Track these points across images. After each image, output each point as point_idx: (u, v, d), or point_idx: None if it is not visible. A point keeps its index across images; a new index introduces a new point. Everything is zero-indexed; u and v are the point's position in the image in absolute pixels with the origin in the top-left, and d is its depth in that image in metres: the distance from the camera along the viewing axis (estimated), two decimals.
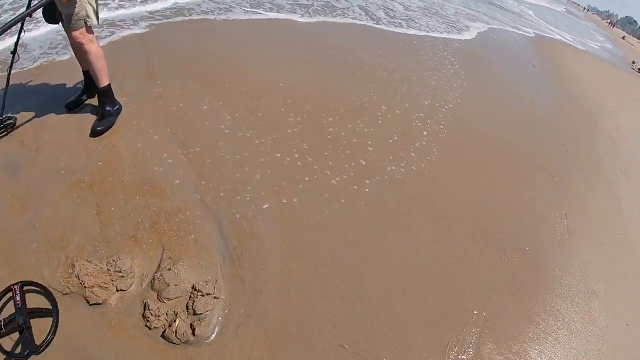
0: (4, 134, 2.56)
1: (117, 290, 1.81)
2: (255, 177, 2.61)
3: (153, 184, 2.37)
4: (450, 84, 5.34)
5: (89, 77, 2.80)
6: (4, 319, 1.65)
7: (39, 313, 1.72)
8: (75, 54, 2.74)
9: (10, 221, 2.01)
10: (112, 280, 1.82)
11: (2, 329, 1.61)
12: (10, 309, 1.68)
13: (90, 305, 1.75)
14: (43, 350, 1.61)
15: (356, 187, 2.79)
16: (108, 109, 2.74)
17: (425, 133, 3.78)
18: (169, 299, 1.79)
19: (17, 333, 1.63)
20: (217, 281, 1.91)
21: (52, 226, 2.03)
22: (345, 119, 3.55)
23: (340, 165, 2.94)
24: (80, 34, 2.39)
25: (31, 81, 3.09)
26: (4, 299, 1.74)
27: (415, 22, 8.58)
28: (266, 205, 2.42)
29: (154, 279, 1.87)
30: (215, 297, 1.83)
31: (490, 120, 4.72)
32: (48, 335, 1.66)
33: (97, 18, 2.46)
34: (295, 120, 3.32)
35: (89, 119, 2.77)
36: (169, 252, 2.02)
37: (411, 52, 6.34)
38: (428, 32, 8.08)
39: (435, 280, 2.29)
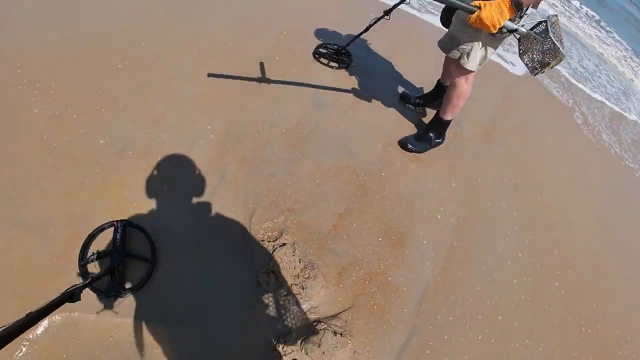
0: (336, 66, 3.11)
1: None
2: None
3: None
4: None
5: (439, 92, 2.80)
6: (99, 251, 1.71)
7: (136, 258, 1.75)
8: (443, 70, 2.76)
9: None
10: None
11: (94, 262, 1.68)
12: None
13: None
14: (124, 295, 1.64)
15: None
16: (431, 135, 2.66)
17: None
18: None
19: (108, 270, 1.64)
20: None
21: None
22: None
23: None
24: (456, 63, 2.26)
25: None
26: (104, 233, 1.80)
27: None
28: None
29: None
30: None
31: None
32: (136, 285, 1.69)
33: (478, 64, 2.19)
34: None
35: (402, 121, 2.93)
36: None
37: None
38: None
39: None
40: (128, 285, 1.70)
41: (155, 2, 3.20)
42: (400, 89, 3.20)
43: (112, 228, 1.80)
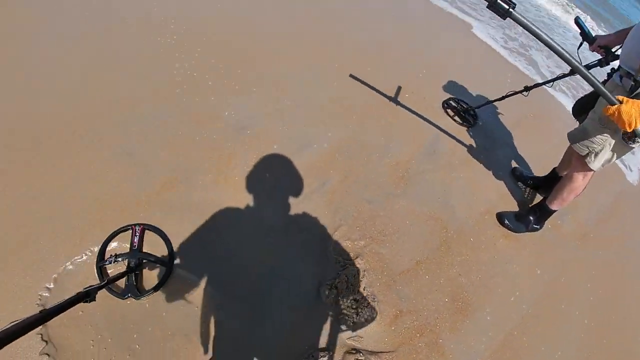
0: (460, 122, 3.21)
1: None
2: None
3: None
4: None
5: (552, 180, 2.77)
6: (117, 254, 1.75)
7: (153, 262, 1.81)
8: (563, 160, 2.74)
9: None
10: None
11: (111, 263, 1.74)
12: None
13: None
14: (141, 297, 1.71)
15: None
16: (531, 218, 2.63)
17: None
18: None
19: (125, 272, 1.71)
20: None
21: None
22: None
23: None
24: (579, 158, 2.22)
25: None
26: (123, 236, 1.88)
27: None
28: None
29: None
30: None
31: None
32: (152, 288, 1.75)
33: (601, 166, 2.14)
34: None
35: (506, 195, 2.91)
36: None
37: None
38: None
39: None
40: (147, 287, 1.78)
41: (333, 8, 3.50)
42: (514, 164, 3.14)
43: (131, 231, 1.88)
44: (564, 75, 2.34)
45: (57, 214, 1.94)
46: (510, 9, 1.30)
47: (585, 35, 2.20)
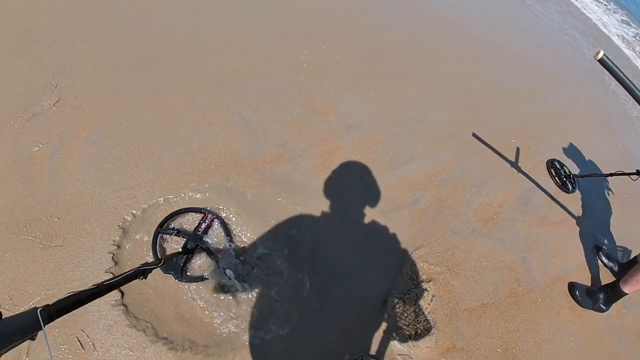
0: (559, 184, 3.13)
1: None
2: None
3: None
4: None
5: (632, 265, 2.72)
6: (179, 229, 1.81)
7: (207, 252, 1.83)
8: None
9: None
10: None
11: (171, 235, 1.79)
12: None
13: None
14: (181, 280, 1.76)
15: None
16: (601, 297, 2.61)
17: None
18: None
19: (180, 252, 1.75)
20: None
21: None
22: None
23: None
24: None
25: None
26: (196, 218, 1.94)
27: None
28: None
29: None
30: None
31: None
32: (197, 277, 1.79)
33: None
34: None
35: (584, 267, 2.84)
36: None
37: None
38: None
39: None
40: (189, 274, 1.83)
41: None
42: (602, 241, 3.06)
43: (202, 215, 1.91)
44: None
45: (165, 151, 2.12)
46: None
47: None
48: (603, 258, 2.89)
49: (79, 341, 1.62)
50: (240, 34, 2.89)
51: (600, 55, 1.60)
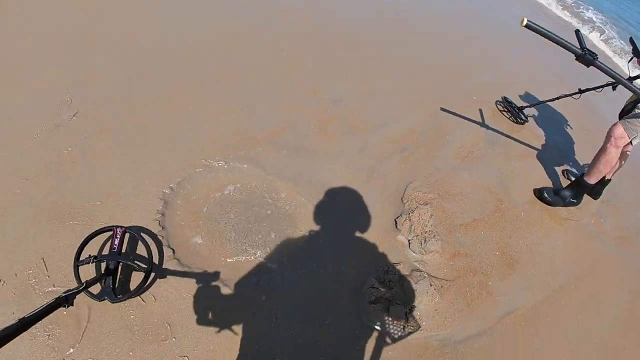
0: (513, 120, 3.81)
1: None
2: None
3: None
4: None
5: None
6: (95, 256, 1.71)
7: (131, 266, 1.77)
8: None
9: None
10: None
11: (89, 263, 1.69)
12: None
13: None
14: (118, 301, 1.69)
15: None
16: (568, 193, 2.92)
17: None
18: None
19: (103, 275, 1.68)
20: None
21: None
22: None
23: None
24: (617, 130, 2.54)
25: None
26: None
27: None
28: None
29: None
30: None
31: None
32: (129, 293, 1.71)
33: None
34: None
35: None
36: None
37: None
38: None
39: None
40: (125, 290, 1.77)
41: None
42: (568, 165, 3.55)
43: (112, 233, 1.82)
44: (613, 84, 2.80)
45: (184, 136, 2.65)
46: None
47: (637, 52, 2.67)
48: (571, 177, 3.35)
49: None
50: (238, 40, 3.64)
51: (525, 22, 1.87)
